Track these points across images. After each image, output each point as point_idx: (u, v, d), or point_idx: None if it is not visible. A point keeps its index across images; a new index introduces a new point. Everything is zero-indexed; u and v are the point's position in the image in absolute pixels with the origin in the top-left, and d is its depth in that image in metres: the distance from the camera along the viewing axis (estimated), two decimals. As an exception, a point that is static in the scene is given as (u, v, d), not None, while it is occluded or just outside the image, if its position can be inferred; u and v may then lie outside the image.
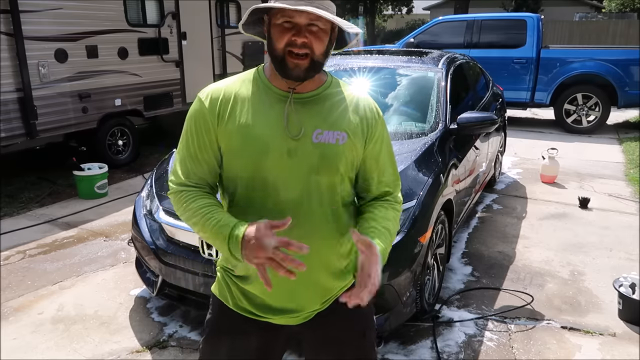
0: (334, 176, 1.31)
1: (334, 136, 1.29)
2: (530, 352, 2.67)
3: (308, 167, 1.27)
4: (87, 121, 5.66)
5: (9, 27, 4.76)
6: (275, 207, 1.28)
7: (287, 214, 1.24)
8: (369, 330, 1.53)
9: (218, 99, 1.30)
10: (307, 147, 1.27)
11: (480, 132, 3.79)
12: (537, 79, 8.43)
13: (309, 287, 1.35)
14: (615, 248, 3.91)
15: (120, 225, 4.36)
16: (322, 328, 1.43)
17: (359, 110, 1.35)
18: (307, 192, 1.29)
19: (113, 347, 2.71)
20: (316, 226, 1.31)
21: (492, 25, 8.80)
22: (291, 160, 1.26)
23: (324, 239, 1.34)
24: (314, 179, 1.28)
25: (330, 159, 1.28)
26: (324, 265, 1.36)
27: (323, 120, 1.30)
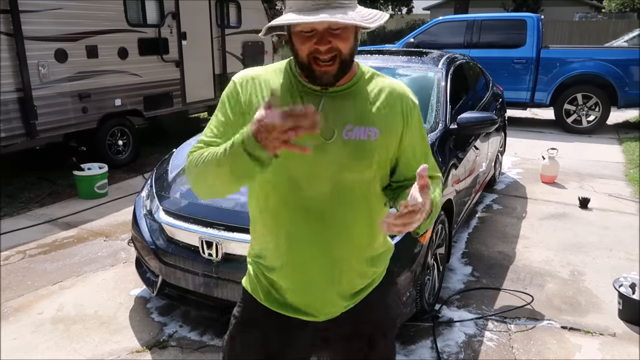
0: (366, 173, 1.26)
1: (365, 132, 1.24)
2: (530, 352, 2.67)
3: (338, 165, 1.23)
4: (87, 121, 5.66)
5: (9, 27, 4.76)
6: (305, 205, 1.24)
7: (317, 210, 1.24)
8: (390, 332, 1.53)
9: (249, 82, 1.27)
10: (337, 144, 1.22)
11: (480, 132, 3.79)
12: (537, 79, 8.42)
13: (336, 284, 1.33)
14: (615, 248, 3.91)
15: (120, 225, 4.36)
16: (347, 326, 1.40)
17: (393, 103, 1.30)
18: (338, 190, 1.25)
19: (113, 347, 2.71)
20: (347, 224, 1.28)
21: (492, 25, 8.79)
22: (320, 157, 1.21)
23: (355, 237, 1.31)
24: (345, 177, 1.24)
25: (361, 156, 1.24)
26: (353, 263, 1.34)
27: (354, 115, 1.25)
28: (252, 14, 8.20)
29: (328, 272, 1.31)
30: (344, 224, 1.28)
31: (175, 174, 3.15)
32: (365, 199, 1.30)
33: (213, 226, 2.60)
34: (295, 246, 1.29)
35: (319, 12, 1.10)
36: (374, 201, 1.33)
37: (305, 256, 1.30)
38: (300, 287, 1.33)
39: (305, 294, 1.34)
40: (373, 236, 1.36)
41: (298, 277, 1.32)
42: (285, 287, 1.35)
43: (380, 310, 1.46)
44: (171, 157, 3.45)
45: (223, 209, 2.64)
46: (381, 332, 1.48)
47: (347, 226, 1.29)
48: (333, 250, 1.29)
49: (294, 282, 1.33)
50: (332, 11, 1.11)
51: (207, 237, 2.56)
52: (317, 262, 1.30)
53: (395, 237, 2.52)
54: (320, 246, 1.28)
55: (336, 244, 1.29)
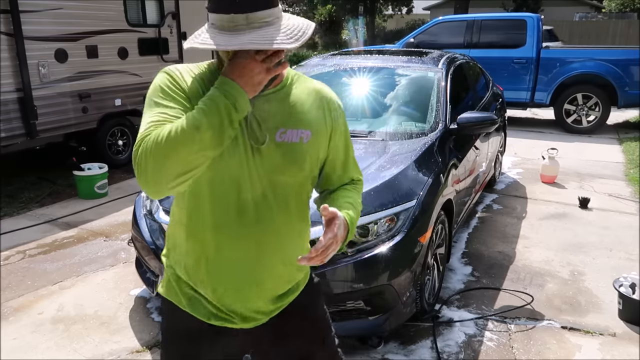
0: (297, 176, 1.27)
1: (297, 135, 1.25)
2: (530, 352, 2.67)
3: (271, 167, 1.22)
4: (87, 121, 5.66)
5: (9, 27, 4.76)
6: (236, 205, 1.23)
7: (250, 212, 1.23)
8: (328, 337, 1.49)
9: (186, 79, 1.20)
10: (270, 147, 1.22)
11: (480, 132, 3.79)
12: (537, 79, 8.43)
13: (261, 287, 1.31)
14: (615, 248, 3.91)
15: (120, 225, 4.36)
16: (278, 334, 1.38)
17: (322, 105, 1.32)
18: (271, 192, 1.24)
19: (113, 347, 2.71)
20: (278, 225, 1.27)
21: (492, 25, 8.80)
22: (254, 159, 1.21)
23: (285, 238, 1.30)
24: (278, 179, 1.24)
25: (293, 158, 1.24)
26: (279, 266, 1.32)
27: (286, 118, 1.25)
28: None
29: (256, 275, 1.29)
30: (276, 227, 1.27)
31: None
32: (297, 202, 1.30)
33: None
34: (227, 249, 1.26)
35: (241, 34, 1.08)
36: (304, 204, 1.35)
37: (235, 259, 1.27)
38: (227, 292, 1.29)
39: (232, 299, 1.31)
40: (301, 239, 1.37)
41: (226, 281, 1.29)
42: (212, 293, 1.30)
43: (312, 314, 1.46)
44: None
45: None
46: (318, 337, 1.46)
47: (279, 229, 1.28)
48: (263, 253, 1.28)
49: (221, 286, 1.29)
50: (252, 33, 1.08)
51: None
52: (245, 265, 1.28)
53: (395, 238, 2.53)
54: (251, 249, 1.26)
55: (267, 246, 1.27)
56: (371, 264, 2.45)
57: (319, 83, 1.38)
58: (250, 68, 1.09)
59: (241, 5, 1.08)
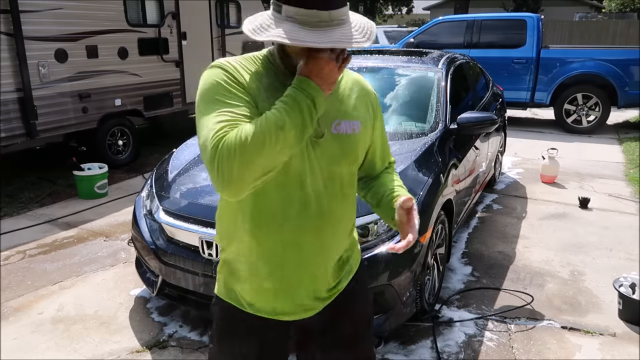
0: (353, 165, 1.33)
1: (350, 126, 1.30)
2: (530, 352, 2.67)
3: (329, 158, 1.26)
4: (87, 121, 5.66)
5: (9, 27, 4.76)
6: (300, 198, 1.25)
7: (312, 204, 1.26)
8: (372, 319, 1.57)
9: (242, 74, 1.20)
10: (328, 139, 1.26)
11: (480, 132, 3.79)
12: (537, 79, 8.43)
13: (322, 277, 1.35)
14: (615, 248, 3.91)
15: (120, 225, 4.36)
16: (329, 320, 1.41)
17: (364, 95, 1.37)
18: (330, 182, 1.28)
19: (113, 347, 2.71)
20: (335, 215, 1.31)
21: (492, 25, 8.79)
22: (314, 152, 1.24)
23: (342, 225, 1.35)
24: (336, 170, 1.28)
25: (349, 149, 1.29)
26: (337, 255, 1.38)
27: (339, 110, 1.29)
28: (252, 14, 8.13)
29: (317, 265, 1.33)
30: (334, 217, 1.31)
31: (175, 174, 3.15)
32: (350, 191, 1.37)
33: (213, 226, 2.59)
34: (290, 244, 1.28)
35: (325, 31, 1.09)
36: (354, 193, 1.41)
37: (298, 253, 1.29)
38: (289, 286, 1.32)
39: (293, 293, 1.33)
40: (353, 225, 1.44)
41: (288, 276, 1.31)
42: (272, 291, 1.33)
43: (361, 304, 1.50)
44: (171, 157, 3.45)
45: (223, 209, 2.64)
46: (366, 318, 1.52)
47: (337, 218, 1.32)
48: (323, 243, 1.31)
49: (282, 283, 1.32)
50: (334, 31, 1.09)
51: (207, 237, 2.56)
52: (309, 257, 1.30)
53: (395, 237, 2.53)
54: (314, 240, 1.29)
55: (328, 237, 1.32)
56: (371, 264, 2.45)
57: (355, 74, 1.41)
58: (328, 67, 1.11)
59: (327, 2, 1.08)
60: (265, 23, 1.15)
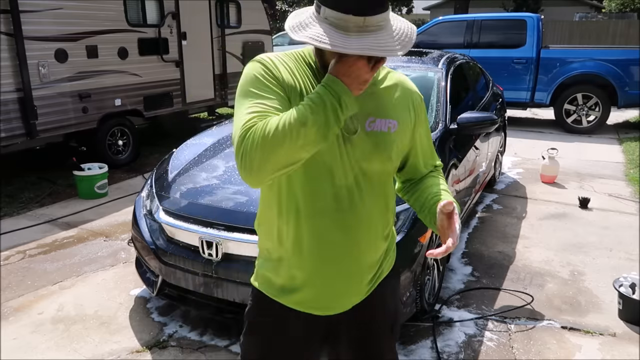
0: (386, 164, 1.31)
1: (385, 124, 1.29)
2: (530, 352, 2.67)
3: (361, 155, 1.26)
4: (87, 121, 5.66)
5: (9, 27, 4.76)
6: (331, 191, 1.26)
7: (343, 199, 1.27)
8: (396, 325, 1.56)
9: (280, 69, 1.23)
10: (361, 136, 1.26)
11: (480, 132, 3.79)
12: (537, 79, 8.43)
13: (356, 275, 1.35)
14: (615, 248, 3.91)
15: (120, 225, 4.36)
16: (357, 317, 1.41)
17: (406, 96, 1.36)
18: (362, 179, 1.28)
19: (113, 347, 2.71)
20: (368, 212, 1.31)
21: (492, 25, 8.80)
22: (345, 147, 1.25)
23: (374, 226, 1.34)
24: (368, 167, 1.28)
25: (382, 147, 1.28)
26: (369, 253, 1.36)
27: (375, 108, 1.29)
28: (252, 14, 8.20)
29: (350, 263, 1.33)
30: (366, 214, 1.31)
31: (175, 174, 3.15)
32: (383, 190, 1.35)
33: (213, 226, 2.60)
34: (322, 237, 1.29)
35: (357, 36, 1.08)
36: (390, 192, 1.39)
37: (330, 247, 1.30)
38: (321, 280, 1.33)
39: (324, 287, 1.34)
40: (387, 226, 1.41)
41: (320, 269, 1.32)
42: (304, 282, 1.34)
43: (390, 302, 1.50)
44: (171, 157, 3.45)
45: (223, 208, 2.65)
46: (389, 323, 1.51)
47: (369, 216, 1.32)
48: (357, 240, 1.31)
49: (314, 275, 1.33)
50: (368, 37, 1.09)
51: (207, 237, 2.56)
52: (340, 252, 1.31)
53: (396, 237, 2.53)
54: (346, 236, 1.30)
55: (360, 234, 1.31)
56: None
57: (401, 75, 1.40)
58: (358, 67, 1.11)
59: (362, 8, 1.07)
60: (305, 22, 1.16)
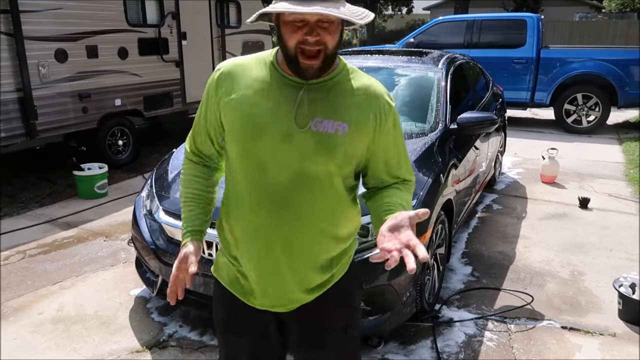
0: (328, 165, 1.28)
1: (333, 126, 1.27)
2: (530, 352, 2.67)
3: (301, 154, 1.26)
4: (87, 121, 5.66)
5: (9, 27, 4.76)
6: (269, 189, 1.28)
7: (279, 197, 1.28)
8: (351, 328, 1.51)
9: (229, 73, 1.33)
10: (304, 134, 1.25)
11: (480, 132, 3.79)
12: (537, 79, 8.42)
13: (295, 274, 1.35)
14: (615, 248, 3.91)
15: (120, 225, 4.36)
16: (306, 320, 1.43)
17: (368, 102, 1.31)
18: (301, 179, 1.27)
19: (113, 347, 2.71)
20: (305, 214, 1.30)
21: (492, 25, 8.79)
22: (285, 145, 1.25)
23: (317, 226, 1.32)
24: (307, 167, 1.27)
25: (325, 148, 1.26)
26: (307, 255, 1.34)
27: (326, 108, 1.27)
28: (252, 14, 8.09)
29: (284, 261, 1.33)
30: (305, 214, 1.30)
31: (175, 174, 3.14)
32: (326, 192, 1.31)
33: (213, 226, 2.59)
34: (258, 233, 1.32)
35: (311, 4, 1.13)
36: (337, 196, 1.34)
37: (264, 244, 1.32)
38: (262, 275, 1.35)
39: (261, 283, 1.36)
40: (338, 228, 1.37)
41: (259, 264, 1.34)
42: (248, 275, 1.38)
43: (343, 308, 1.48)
44: (171, 157, 3.45)
45: (223, 209, 2.64)
46: (341, 327, 1.48)
47: (308, 216, 1.30)
48: (294, 239, 1.31)
49: (255, 269, 1.35)
50: (324, 4, 1.14)
51: (207, 237, 2.55)
52: (274, 250, 1.32)
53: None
54: (282, 233, 1.30)
55: (297, 233, 1.31)
56: (371, 264, 2.45)
57: (371, 79, 1.37)
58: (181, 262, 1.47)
59: None
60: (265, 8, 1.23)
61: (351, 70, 1.35)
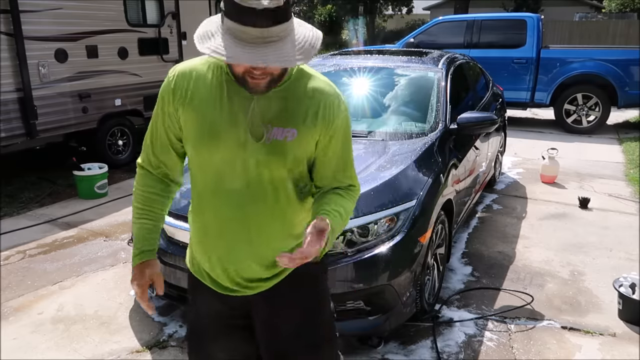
0: (279, 171, 1.32)
1: (282, 133, 1.29)
2: (530, 352, 2.67)
3: (255, 161, 1.30)
4: (87, 121, 5.66)
5: (9, 27, 4.76)
6: (224, 194, 1.34)
7: (235, 202, 1.34)
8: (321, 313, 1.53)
9: (183, 79, 1.33)
10: (257, 144, 1.29)
11: (480, 132, 3.79)
12: (537, 79, 8.42)
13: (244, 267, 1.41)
14: (615, 248, 3.91)
15: (120, 225, 4.36)
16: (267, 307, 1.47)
17: (316, 104, 1.32)
18: (254, 184, 1.32)
19: (113, 347, 2.71)
20: (262, 218, 1.35)
21: (492, 25, 8.79)
22: (240, 152, 1.29)
23: (272, 226, 1.37)
24: (260, 172, 1.31)
25: (275, 155, 1.29)
26: (266, 247, 1.39)
27: (276, 116, 1.29)
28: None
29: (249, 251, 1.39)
30: (259, 218, 1.36)
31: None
32: (278, 195, 1.35)
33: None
34: (221, 228, 1.38)
35: (256, 47, 1.10)
36: (287, 197, 1.38)
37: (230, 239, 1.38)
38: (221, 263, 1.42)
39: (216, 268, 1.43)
40: (286, 232, 1.41)
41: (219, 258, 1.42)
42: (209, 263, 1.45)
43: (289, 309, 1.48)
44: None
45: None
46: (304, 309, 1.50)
47: (262, 220, 1.36)
48: (253, 237, 1.37)
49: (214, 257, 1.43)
50: (268, 48, 1.10)
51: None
52: (237, 249, 1.39)
53: (395, 238, 2.53)
54: (239, 235, 1.37)
55: (254, 234, 1.37)
56: (371, 264, 2.45)
57: (323, 82, 1.36)
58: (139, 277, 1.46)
59: (260, 20, 1.08)
60: (212, 30, 1.16)
61: (303, 75, 1.34)
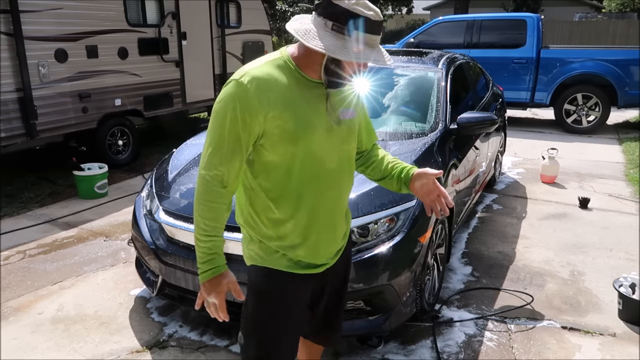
0: (352, 145, 1.64)
1: (349, 113, 1.57)
2: (530, 352, 2.67)
3: (340, 140, 1.55)
4: (87, 121, 5.66)
5: (9, 27, 4.76)
6: (324, 176, 1.53)
7: (332, 180, 1.55)
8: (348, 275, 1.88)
9: (265, 84, 1.40)
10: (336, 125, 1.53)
11: (480, 132, 3.78)
12: (537, 79, 8.43)
13: (336, 237, 1.65)
14: (615, 248, 3.91)
15: (120, 225, 4.36)
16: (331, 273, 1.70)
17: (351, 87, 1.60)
18: (343, 160, 1.58)
19: (113, 347, 2.71)
20: (345, 186, 1.63)
21: (492, 25, 8.79)
22: (329, 135, 1.51)
23: (347, 195, 1.67)
24: (345, 148, 1.58)
25: (353, 130, 1.61)
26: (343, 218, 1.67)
27: (339, 102, 1.55)
28: (252, 13, 8.21)
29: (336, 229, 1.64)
30: (344, 187, 1.63)
31: (175, 174, 3.15)
32: (352, 167, 1.67)
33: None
34: (317, 213, 1.54)
35: (373, 50, 1.41)
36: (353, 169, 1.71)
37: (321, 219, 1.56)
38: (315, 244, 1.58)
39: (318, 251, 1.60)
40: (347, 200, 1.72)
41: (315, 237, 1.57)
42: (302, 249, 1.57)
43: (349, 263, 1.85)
44: (171, 157, 3.45)
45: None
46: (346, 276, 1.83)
47: (347, 188, 1.65)
48: (336, 211, 1.61)
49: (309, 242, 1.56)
50: (378, 52, 1.43)
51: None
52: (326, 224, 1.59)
53: (395, 238, 2.53)
54: (335, 209, 1.60)
55: (338, 205, 1.62)
56: (371, 264, 2.45)
57: None
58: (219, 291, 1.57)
59: (380, 29, 1.42)
60: (312, 30, 1.38)
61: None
